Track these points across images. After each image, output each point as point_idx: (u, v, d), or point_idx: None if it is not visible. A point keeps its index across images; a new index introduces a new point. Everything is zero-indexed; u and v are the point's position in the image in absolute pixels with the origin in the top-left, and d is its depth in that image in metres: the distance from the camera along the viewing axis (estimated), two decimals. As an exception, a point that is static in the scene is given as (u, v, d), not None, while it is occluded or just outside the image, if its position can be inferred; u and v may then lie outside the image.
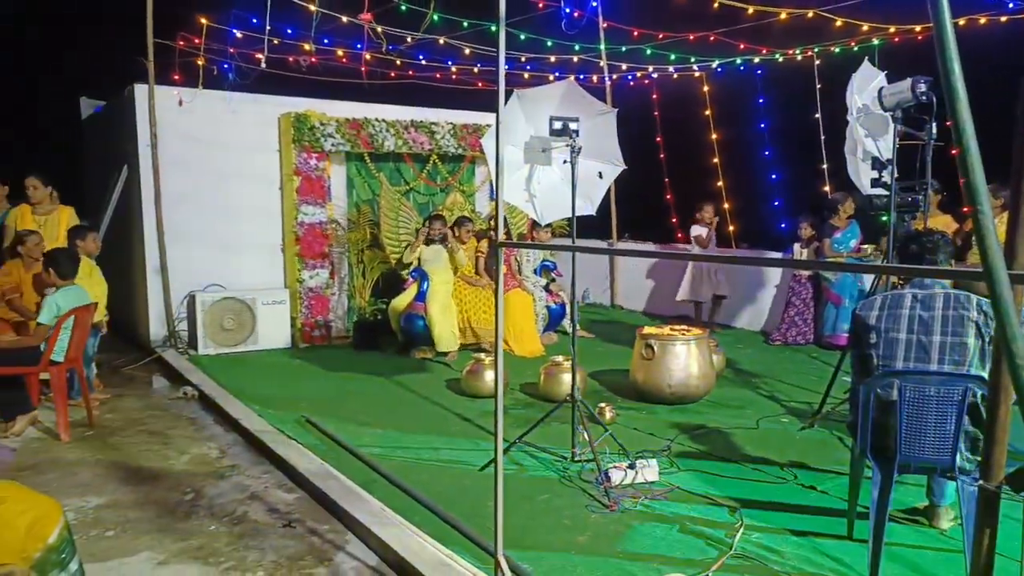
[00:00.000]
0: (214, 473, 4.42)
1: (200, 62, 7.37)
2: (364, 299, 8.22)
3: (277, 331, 7.79)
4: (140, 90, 7.47)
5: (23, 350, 5.00)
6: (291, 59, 7.96)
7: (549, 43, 8.74)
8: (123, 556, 3.34)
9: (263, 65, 7.46)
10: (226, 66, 7.41)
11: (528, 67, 9.41)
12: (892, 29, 7.65)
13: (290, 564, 3.29)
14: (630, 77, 10.10)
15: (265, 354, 7.55)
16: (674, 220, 10.48)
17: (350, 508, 3.70)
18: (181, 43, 7.34)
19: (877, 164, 4.97)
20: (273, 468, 4.49)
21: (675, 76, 9.86)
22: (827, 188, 8.61)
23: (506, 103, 3.14)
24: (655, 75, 9.98)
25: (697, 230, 8.31)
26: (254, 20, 7.02)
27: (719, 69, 9.45)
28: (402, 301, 7.26)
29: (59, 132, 11.65)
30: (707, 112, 9.86)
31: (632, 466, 3.98)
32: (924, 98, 4.57)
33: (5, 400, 4.94)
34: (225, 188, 7.80)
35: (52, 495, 3.96)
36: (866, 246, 7.50)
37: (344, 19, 7.05)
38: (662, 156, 10.45)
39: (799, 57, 8.70)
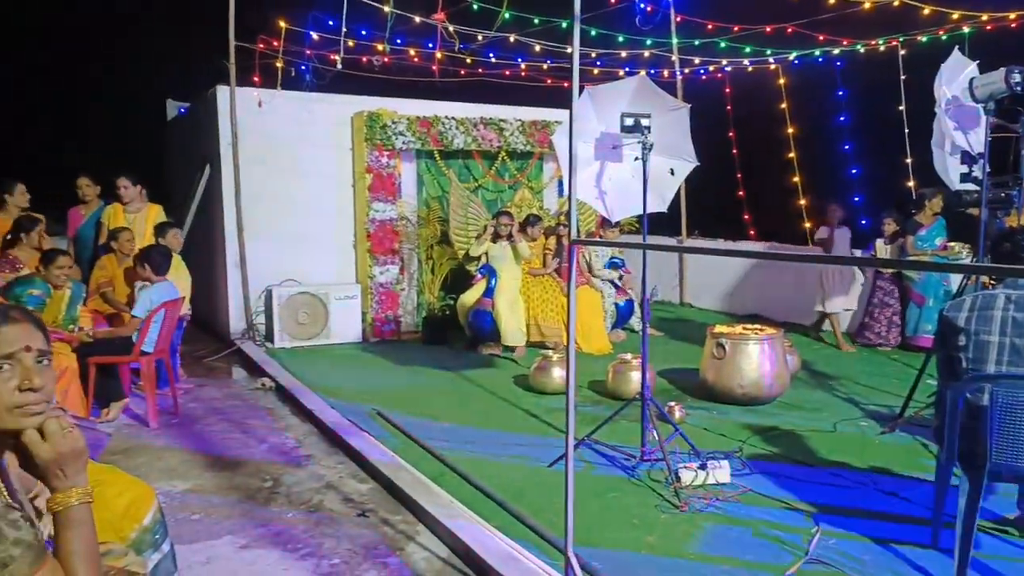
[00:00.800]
0: (291, 462, 4.56)
1: (279, 64, 7.61)
2: (433, 295, 8.34)
3: (349, 325, 7.98)
4: (222, 92, 7.76)
5: (117, 340, 5.28)
6: (364, 59, 8.13)
7: (620, 38, 8.66)
8: (208, 539, 3.49)
9: (339, 66, 7.64)
10: (303, 68, 7.63)
11: (598, 63, 9.36)
12: (984, 17, 7.29)
13: (364, 552, 3.38)
14: (702, 71, 9.93)
15: (337, 348, 7.75)
16: (746, 217, 10.25)
17: (421, 500, 3.77)
18: (261, 46, 7.59)
19: (967, 158, 4.75)
20: (347, 459, 4.61)
21: (749, 69, 9.64)
22: (911, 183, 8.27)
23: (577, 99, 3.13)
24: (728, 69, 9.78)
25: (823, 232, 7.72)
26: (331, 22, 7.21)
27: (796, 61, 9.19)
28: (470, 297, 7.34)
29: (147, 133, 12.19)
30: (783, 106, 9.60)
31: (703, 467, 3.93)
32: (1019, 88, 4.34)
33: (101, 388, 5.22)
34: (300, 185, 8.03)
35: (142, 479, 4.17)
36: (953, 244, 7.17)
37: (417, 19, 7.17)
38: (734, 152, 10.23)
39: (882, 47, 8.37)
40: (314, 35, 7.39)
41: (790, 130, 9.54)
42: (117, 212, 6.69)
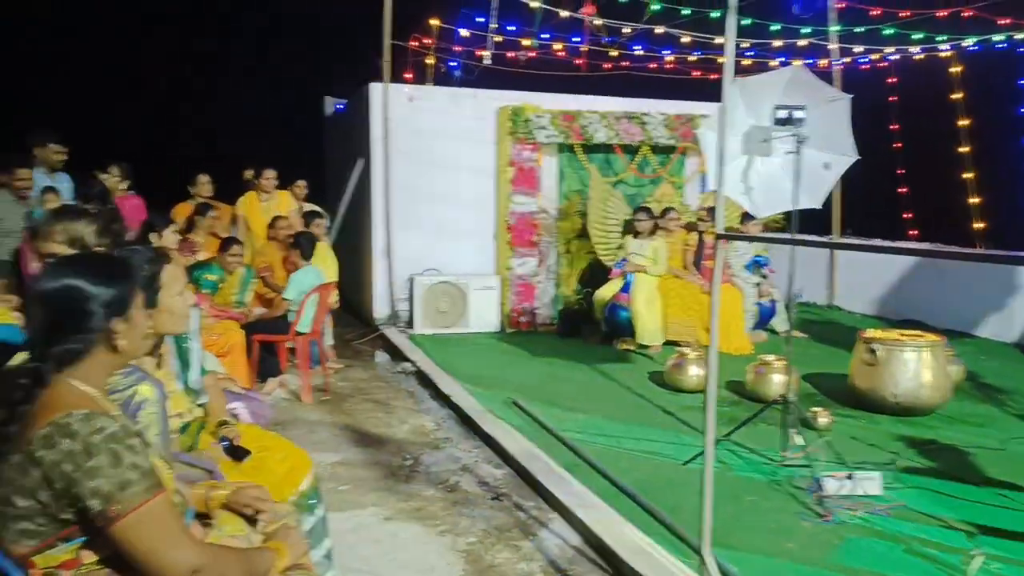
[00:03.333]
0: (430, 444, 4.76)
1: (429, 61, 7.90)
2: (570, 288, 8.38)
3: (487, 315, 8.18)
4: (375, 88, 8.17)
5: (276, 321, 5.71)
6: (510, 55, 8.29)
7: (774, 27, 8.31)
8: (354, 509, 3.72)
9: (486, 61, 7.83)
10: (453, 64, 7.89)
11: (749, 53, 9.03)
12: None
13: (498, 534, 3.48)
14: (864, 60, 9.32)
15: (475, 336, 7.96)
16: (907, 215, 9.53)
17: (554, 488, 3.83)
18: (414, 44, 7.92)
19: None
20: (482, 444, 4.75)
21: (917, 57, 8.95)
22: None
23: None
24: (895, 57, 9.11)
25: None
26: (480, 19, 7.41)
27: (973, 48, 8.42)
28: (607, 291, 7.32)
29: (305, 128, 13.04)
30: (955, 96, 8.84)
31: (850, 477, 3.73)
32: None
33: (263, 363, 5.67)
34: (445, 178, 8.31)
35: (292, 445, 4.50)
36: None
37: (563, 14, 7.22)
38: (896, 145, 9.53)
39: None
40: (464, 32, 7.61)
41: (963, 122, 8.76)
42: (252, 201, 7.21)
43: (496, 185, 8.45)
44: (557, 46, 8.31)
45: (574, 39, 8.02)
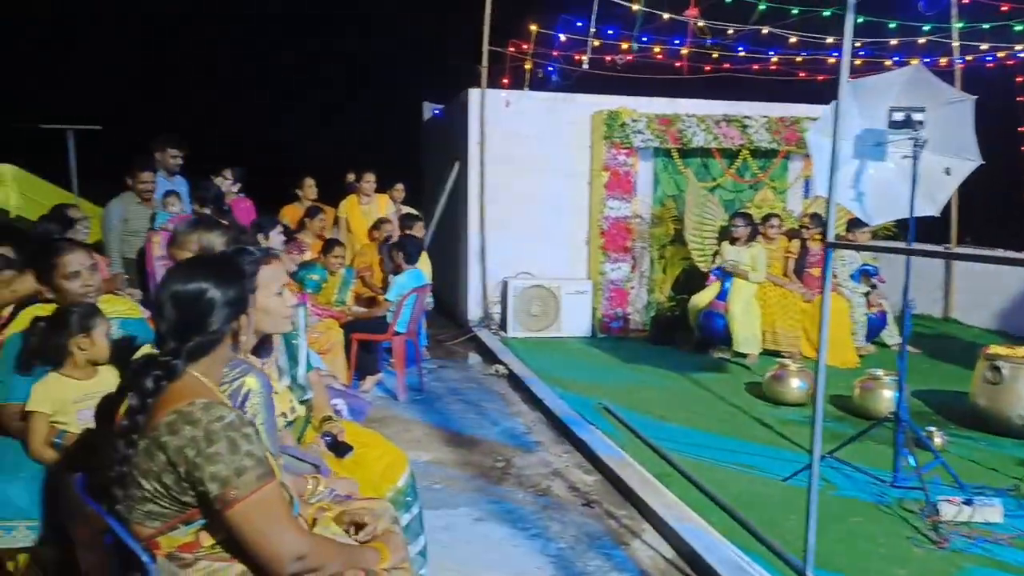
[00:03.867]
0: (521, 446, 4.77)
1: (527, 66, 7.94)
2: (663, 294, 8.24)
3: (578, 320, 8.14)
4: (473, 94, 8.28)
5: (375, 320, 5.87)
6: (608, 59, 8.22)
7: (892, 25, 7.89)
8: (447, 508, 3.77)
9: (585, 66, 7.81)
10: (550, 68, 7.90)
11: (862, 52, 8.61)
12: None
13: (589, 541, 3.45)
14: (989, 58, 8.73)
15: (566, 340, 7.94)
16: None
17: (646, 498, 3.76)
18: (512, 50, 7.98)
19: None
20: (573, 449, 4.72)
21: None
22: None
23: (836, 94, 2.90)
24: (1024, 55, 8.49)
25: None
26: (579, 23, 7.39)
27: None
28: (703, 298, 7.14)
29: (404, 133, 13.38)
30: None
31: (968, 502, 3.49)
32: None
33: (361, 361, 5.83)
34: (539, 182, 8.33)
35: (390, 443, 4.59)
36: None
37: (665, 16, 7.10)
38: (1024, 149, 8.88)
39: None
40: (562, 36, 7.61)
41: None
42: (353, 204, 7.41)
43: (590, 189, 8.41)
44: (656, 49, 8.17)
45: (674, 42, 7.87)
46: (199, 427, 1.52)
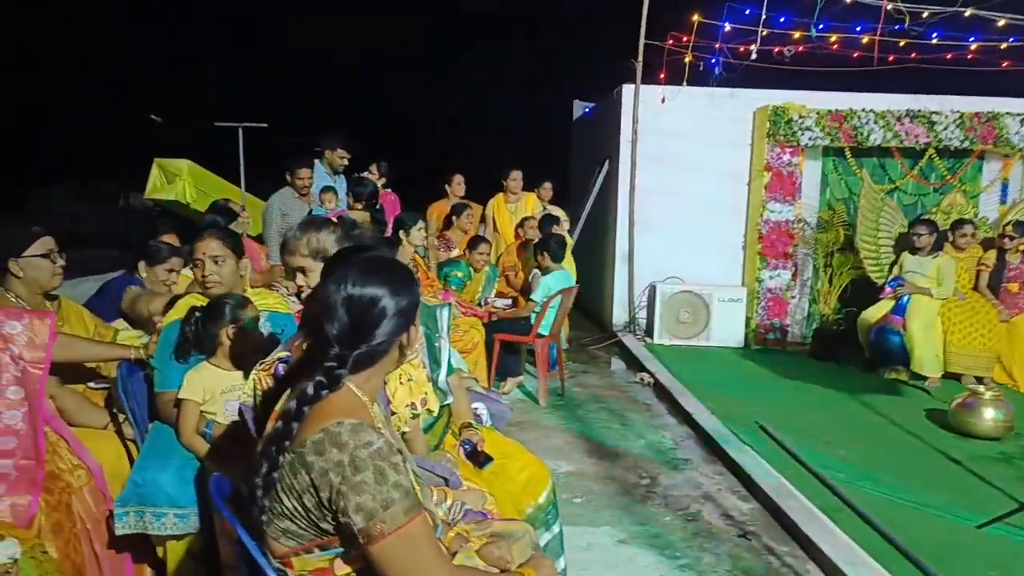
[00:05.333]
0: (668, 463, 4.46)
1: (687, 60, 7.54)
2: (828, 305, 7.57)
3: (730, 329, 7.66)
4: (627, 90, 7.99)
5: (518, 321, 5.74)
6: (776, 50, 7.64)
7: None
8: (588, 526, 3.54)
9: (753, 57, 7.30)
10: (713, 61, 7.46)
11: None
12: None
13: (746, 579, 3.10)
14: None
15: (717, 350, 7.48)
16: None
17: (814, 536, 3.36)
18: (670, 42, 7.61)
19: None
20: (725, 471, 4.35)
21: None
22: None
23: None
24: None
25: None
26: (747, 11, 6.89)
27: None
28: (875, 312, 6.46)
29: (554, 132, 13.29)
30: None
31: None
32: None
33: (502, 363, 5.72)
34: (693, 183, 7.91)
35: (534, 453, 4.43)
36: None
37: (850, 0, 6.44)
38: None
39: None
40: (727, 26, 7.13)
41: None
42: (499, 202, 7.31)
43: (749, 191, 7.89)
44: (832, 38, 7.48)
45: (856, 28, 7.16)
46: (346, 452, 1.39)
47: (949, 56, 7.90)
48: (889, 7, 6.52)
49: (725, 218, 7.94)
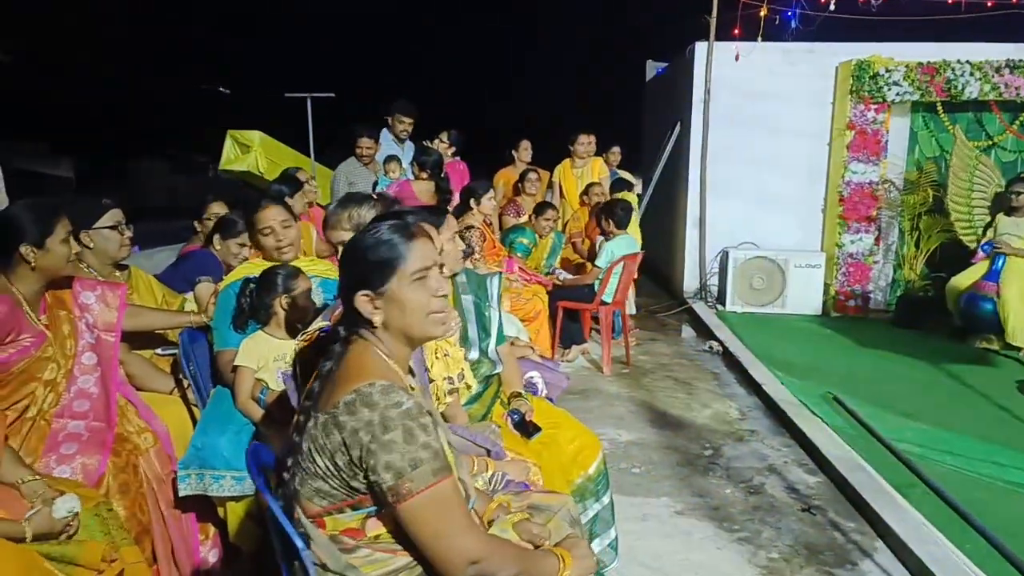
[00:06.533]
0: (733, 434, 4.35)
1: (762, 13, 7.18)
2: (914, 271, 7.17)
3: (807, 296, 7.37)
4: (700, 48, 7.69)
5: (582, 288, 5.68)
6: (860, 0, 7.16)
7: None
8: (645, 496, 3.50)
9: (831, 8, 6.88)
10: (789, 14, 7.07)
11: None
12: None
13: (808, 555, 3.01)
14: None
15: (792, 318, 7.23)
16: None
17: (883, 512, 3.22)
18: (747, -5, 7.25)
19: None
20: (792, 442, 4.22)
21: None
22: None
23: None
24: None
25: None
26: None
27: None
28: (966, 279, 6.09)
29: (625, 93, 12.97)
30: None
31: None
32: None
33: (566, 331, 5.69)
34: (769, 143, 7.59)
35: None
36: None
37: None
38: None
39: None
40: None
41: None
42: (566, 167, 7.18)
43: (829, 151, 7.51)
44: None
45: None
46: (376, 411, 1.41)
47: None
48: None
49: (802, 180, 7.60)
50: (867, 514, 3.31)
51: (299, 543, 1.42)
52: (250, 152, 7.15)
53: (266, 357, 2.51)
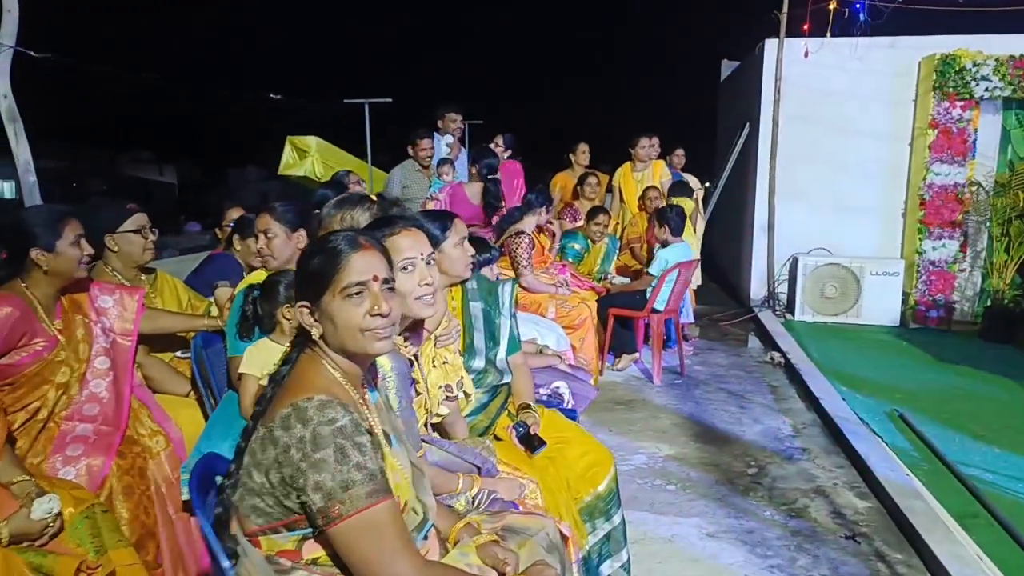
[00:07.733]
0: (782, 452, 4.11)
1: (831, 7, 6.82)
2: (1005, 280, 6.65)
3: (884, 306, 6.95)
4: (769, 45, 7.38)
5: (634, 295, 5.52)
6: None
7: None
8: (676, 515, 3.34)
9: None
10: (857, 6, 6.69)
11: None
12: None
13: (843, 588, 2.79)
14: None
15: (866, 329, 6.82)
16: None
17: (933, 544, 2.95)
18: (818, -11, 6.91)
19: None
20: (847, 463, 3.95)
21: None
22: None
23: None
24: None
25: None
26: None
27: None
28: (1059, 289, 5.59)
29: (700, 94, 12.63)
30: None
31: None
32: None
33: (617, 338, 5.54)
34: (843, 144, 7.21)
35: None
36: None
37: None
38: None
39: None
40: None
41: None
42: (626, 171, 6.97)
43: (910, 152, 7.06)
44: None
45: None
46: (308, 427, 1.36)
47: None
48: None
49: (879, 183, 7.18)
50: (917, 544, 3.05)
51: (225, 561, 1.39)
52: (307, 157, 7.32)
53: (270, 364, 2.51)
